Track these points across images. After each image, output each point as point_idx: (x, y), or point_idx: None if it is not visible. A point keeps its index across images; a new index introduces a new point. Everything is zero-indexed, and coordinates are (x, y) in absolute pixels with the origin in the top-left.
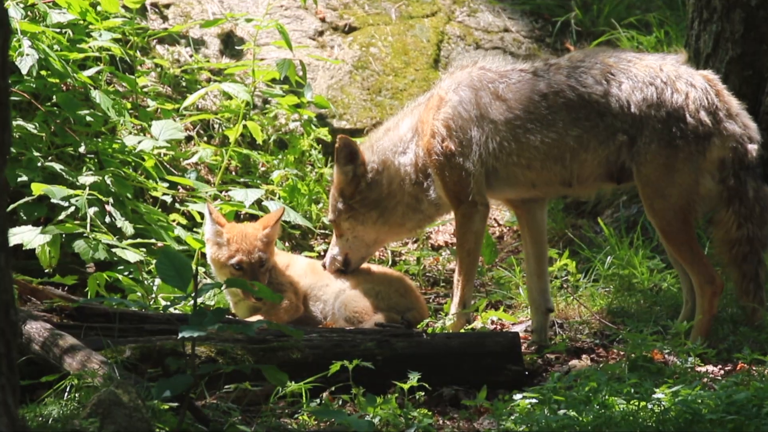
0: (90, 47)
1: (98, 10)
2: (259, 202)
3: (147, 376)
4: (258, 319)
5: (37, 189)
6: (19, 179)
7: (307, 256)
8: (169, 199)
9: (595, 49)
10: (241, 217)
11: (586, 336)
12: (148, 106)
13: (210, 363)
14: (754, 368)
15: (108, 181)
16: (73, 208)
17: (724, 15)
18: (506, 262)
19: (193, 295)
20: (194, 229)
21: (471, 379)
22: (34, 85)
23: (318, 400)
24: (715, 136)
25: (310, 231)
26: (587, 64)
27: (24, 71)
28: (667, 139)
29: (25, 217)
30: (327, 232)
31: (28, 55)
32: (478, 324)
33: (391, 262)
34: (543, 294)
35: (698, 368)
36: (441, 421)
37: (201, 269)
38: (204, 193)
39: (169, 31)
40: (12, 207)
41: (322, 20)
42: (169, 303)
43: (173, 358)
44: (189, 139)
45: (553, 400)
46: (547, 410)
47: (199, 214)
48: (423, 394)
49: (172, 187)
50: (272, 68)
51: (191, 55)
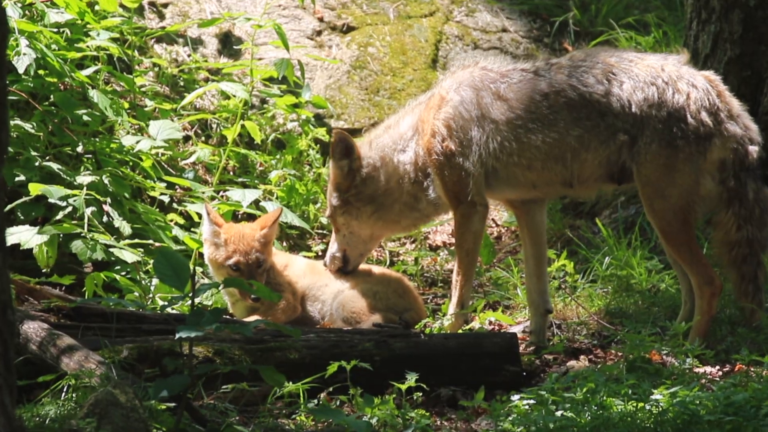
0: (88, 47)
1: (96, 9)
2: (257, 202)
3: (144, 376)
4: (256, 319)
5: (35, 189)
6: (17, 179)
7: (305, 256)
8: (166, 199)
9: (597, 49)
10: (239, 217)
11: (584, 337)
12: (146, 106)
13: (207, 363)
14: (753, 369)
15: (106, 181)
16: (70, 208)
17: (723, 15)
18: (504, 263)
19: (190, 295)
20: (192, 229)
21: (469, 380)
22: (32, 85)
23: (316, 401)
24: (715, 137)
25: (308, 231)
26: (588, 63)
27: (21, 70)
28: (668, 139)
29: (22, 217)
30: (325, 233)
31: (25, 54)
32: (476, 325)
33: (389, 263)
34: (542, 295)
35: (696, 369)
36: (439, 422)
37: (199, 269)
38: (201, 193)
39: (166, 30)
40: (10, 207)
41: (320, 20)
42: (166, 303)
43: (170, 359)
44: (187, 138)
45: (551, 401)
46: (544, 411)
47: (197, 214)
48: (421, 394)
49: (170, 187)
50: (270, 68)
51: (189, 55)
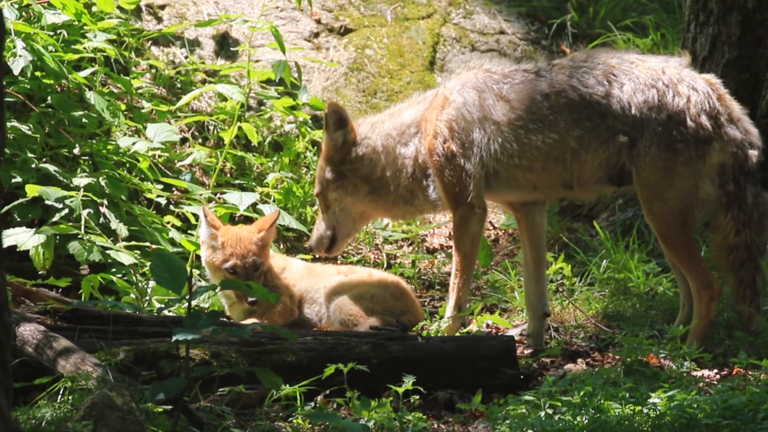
0: (85, 48)
1: (93, 11)
2: (254, 204)
3: (141, 378)
4: (253, 321)
5: (32, 190)
6: (14, 180)
7: (302, 259)
8: (163, 201)
9: (599, 50)
10: (236, 219)
11: (582, 340)
12: (143, 108)
13: (204, 366)
14: (750, 373)
15: (102, 183)
16: (67, 210)
17: (721, 18)
18: (501, 266)
19: (187, 297)
20: (189, 232)
21: (466, 383)
22: (29, 86)
23: (312, 404)
24: (715, 141)
25: (305, 233)
26: (590, 64)
27: (17, 72)
28: (667, 142)
29: (19, 219)
30: None
31: (21, 56)
32: (473, 327)
33: (386, 265)
34: (540, 298)
35: (694, 373)
36: (436, 425)
37: (195, 272)
38: (199, 195)
39: (163, 31)
40: (6, 208)
41: (318, 22)
42: (163, 305)
43: (167, 361)
44: (184, 140)
45: (549, 404)
46: (542, 414)
47: (194, 216)
48: (418, 397)
49: (167, 189)
50: (267, 70)
51: (186, 57)
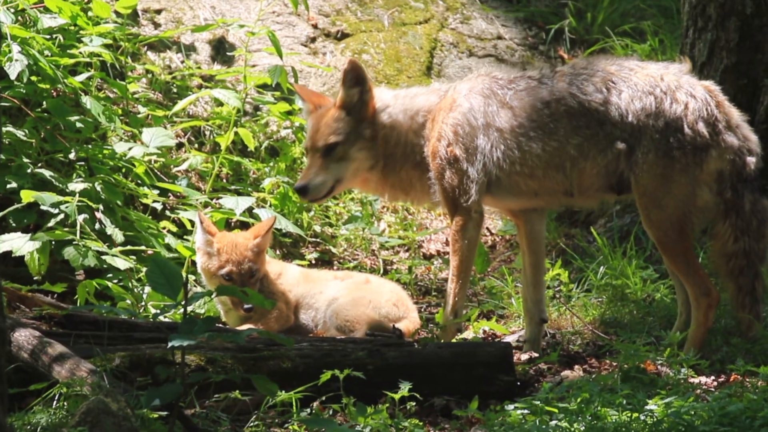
0: (81, 53)
1: (89, 15)
2: (250, 209)
3: (136, 384)
4: (248, 327)
5: (27, 196)
6: (9, 186)
7: (298, 264)
8: (159, 207)
9: (600, 57)
10: (232, 224)
11: (579, 346)
12: (139, 113)
13: (200, 372)
14: (748, 380)
15: (98, 188)
16: (62, 215)
17: (719, 23)
18: (498, 272)
19: (183, 303)
20: (185, 237)
21: (462, 390)
22: (24, 91)
23: (308, 410)
24: (712, 148)
25: (301, 239)
26: (589, 71)
27: (12, 76)
28: (665, 149)
29: (14, 224)
30: (318, 240)
31: (17, 60)
32: (469, 334)
33: (382, 271)
34: (538, 304)
35: (691, 379)
36: None
37: (191, 277)
38: (195, 200)
39: (160, 36)
40: (1, 214)
41: (315, 26)
42: (158, 311)
43: (163, 367)
44: (180, 145)
45: (545, 411)
46: (538, 421)
47: (190, 221)
48: (414, 404)
49: (163, 194)
50: (264, 75)
51: (182, 61)
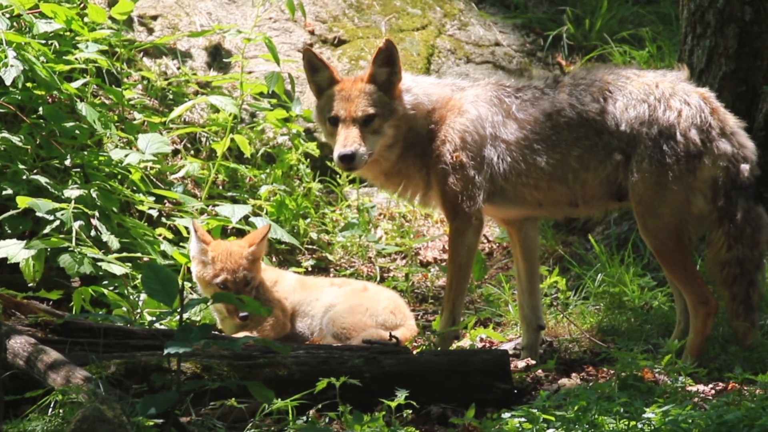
0: (76, 59)
1: (85, 20)
2: (246, 217)
3: (132, 392)
4: (244, 335)
5: (22, 202)
6: (4, 192)
7: (294, 272)
8: (155, 213)
9: (599, 66)
10: (228, 231)
11: (576, 354)
12: (135, 119)
13: (195, 379)
14: (746, 388)
15: (94, 195)
16: (58, 222)
17: (718, 30)
18: (495, 279)
19: (179, 310)
20: (180, 244)
21: (459, 397)
22: (20, 97)
23: (304, 418)
24: (705, 156)
25: (298, 247)
26: (587, 81)
27: (8, 82)
28: (658, 157)
29: (9, 231)
30: (314, 248)
31: (12, 65)
32: (466, 341)
33: (379, 278)
34: (534, 311)
35: (689, 388)
36: None
37: (187, 284)
38: (191, 207)
39: (155, 42)
40: None
41: (311, 33)
42: (154, 318)
43: (158, 374)
44: (176, 152)
45: (542, 419)
46: (536, 429)
47: (186, 228)
48: (410, 412)
49: (159, 201)
50: (260, 81)
51: (178, 68)
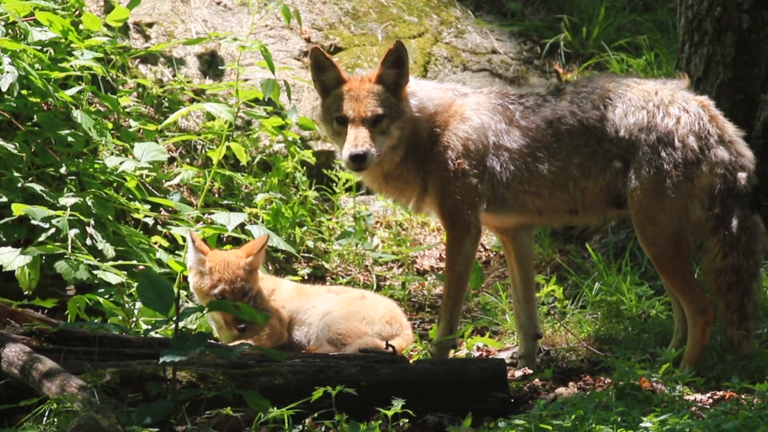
0: (71, 66)
1: (80, 28)
2: (242, 225)
3: (127, 401)
4: (241, 343)
5: (18, 210)
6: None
7: (291, 280)
8: (151, 221)
9: (600, 75)
10: (224, 240)
11: (574, 363)
12: (130, 127)
13: (191, 388)
14: (743, 397)
15: (89, 203)
16: (53, 230)
17: (716, 38)
18: (492, 288)
19: (174, 319)
20: (176, 252)
21: (456, 406)
22: (15, 105)
23: (300, 427)
24: (703, 163)
25: (294, 255)
26: (588, 89)
27: (4, 88)
28: (656, 164)
29: (4, 239)
30: (311, 256)
31: (8, 72)
32: (464, 350)
33: (375, 287)
34: (531, 319)
35: (686, 397)
36: None
37: (183, 293)
38: (186, 215)
39: (151, 50)
40: None
41: (307, 40)
42: (150, 327)
43: (154, 383)
44: (171, 160)
45: (540, 428)
46: None
47: (182, 237)
48: (407, 421)
49: (154, 209)
50: (256, 89)
51: (174, 75)
